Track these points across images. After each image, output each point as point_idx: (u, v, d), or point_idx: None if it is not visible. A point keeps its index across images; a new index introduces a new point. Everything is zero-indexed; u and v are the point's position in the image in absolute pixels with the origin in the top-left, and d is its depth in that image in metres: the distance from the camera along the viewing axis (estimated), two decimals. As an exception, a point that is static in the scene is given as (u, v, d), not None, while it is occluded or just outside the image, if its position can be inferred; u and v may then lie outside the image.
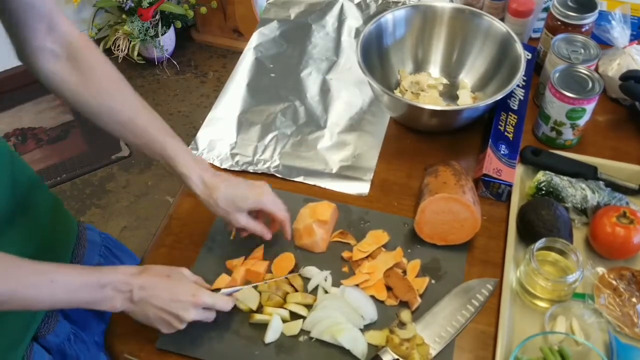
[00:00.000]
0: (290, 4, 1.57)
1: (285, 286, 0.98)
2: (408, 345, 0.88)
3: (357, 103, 1.31)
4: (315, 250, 1.04)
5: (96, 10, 2.89)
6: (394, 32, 1.29)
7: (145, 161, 2.60)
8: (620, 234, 0.98)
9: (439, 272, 1.01)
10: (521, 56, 1.17)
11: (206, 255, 1.05)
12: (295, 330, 0.94)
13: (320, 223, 1.04)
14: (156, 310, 0.86)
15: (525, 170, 1.13)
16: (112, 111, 0.93)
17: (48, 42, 0.88)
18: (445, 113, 1.18)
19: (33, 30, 0.85)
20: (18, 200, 0.94)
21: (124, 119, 0.94)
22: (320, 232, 1.03)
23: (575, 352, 0.87)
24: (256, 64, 1.42)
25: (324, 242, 1.04)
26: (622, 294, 0.95)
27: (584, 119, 1.14)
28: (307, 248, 1.04)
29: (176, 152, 0.94)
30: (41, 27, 0.86)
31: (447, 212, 1.00)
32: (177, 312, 0.86)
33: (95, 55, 0.93)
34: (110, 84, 0.93)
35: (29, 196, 0.98)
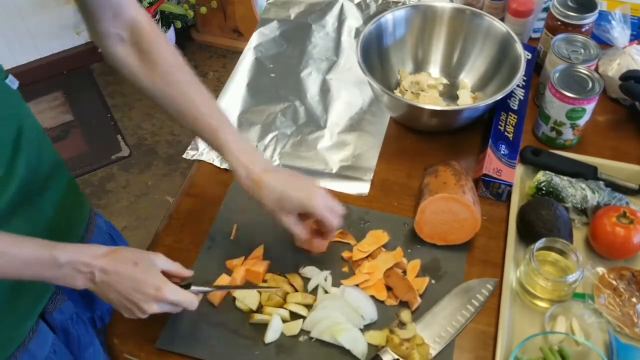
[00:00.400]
0: (290, 4, 1.57)
1: (285, 286, 0.98)
2: (408, 345, 0.88)
3: (357, 103, 1.31)
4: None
5: (96, 10, 2.88)
6: (394, 32, 1.29)
7: (145, 161, 2.61)
8: (620, 234, 0.98)
9: (439, 272, 1.01)
10: (521, 56, 1.17)
11: (206, 255, 1.05)
12: (296, 330, 0.94)
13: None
14: (117, 296, 0.84)
15: (525, 170, 1.13)
16: (170, 97, 0.95)
17: (113, 27, 0.92)
18: (445, 113, 1.18)
19: (100, 16, 0.91)
20: (40, 179, 0.96)
21: (180, 105, 0.95)
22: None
23: (575, 352, 0.87)
24: (256, 64, 1.42)
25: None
26: (622, 294, 0.95)
27: (584, 119, 1.14)
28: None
29: (226, 143, 0.93)
30: (107, 14, 0.91)
31: (447, 212, 1.00)
32: (139, 303, 0.84)
33: (158, 41, 0.95)
34: (170, 71, 0.95)
35: (50, 176, 1.00)
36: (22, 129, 0.93)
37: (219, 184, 1.16)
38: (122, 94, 2.91)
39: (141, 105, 2.85)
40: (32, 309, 0.99)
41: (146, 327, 0.96)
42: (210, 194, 1.15)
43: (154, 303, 0.84)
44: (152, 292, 0.83)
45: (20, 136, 0.92)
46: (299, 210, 0.92)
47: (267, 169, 0.93)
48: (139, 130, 2.74)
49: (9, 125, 0.91)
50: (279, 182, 0.92)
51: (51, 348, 1.02)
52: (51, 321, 1.03)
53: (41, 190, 0.97)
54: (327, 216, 0.92)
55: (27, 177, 0.93)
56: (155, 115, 2.80)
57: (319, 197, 0.92)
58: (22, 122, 0.93)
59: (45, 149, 1.00)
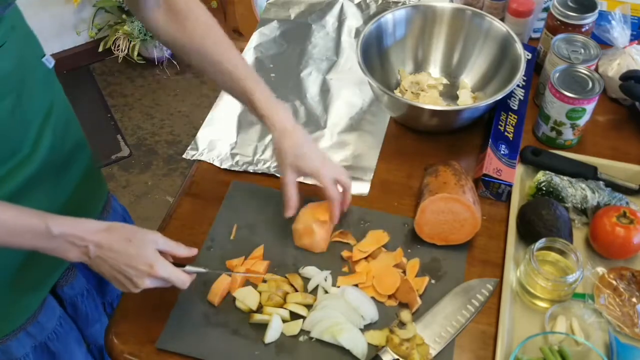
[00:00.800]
0: (290, 4, 1.57)
1: (285, 286, 0.98)
2: (408, 345, 0.88)
3: (357, 103, 1.31)
4: (316, 251, 1.04)
5: (96, 10, 2.88)
6: (394, 32, 1.29)
7: (145, 161, 2.61)
8: (620, 234, 0.98)
9: (439, 272, 1.01)
10: (521, 56, 1.17)
11: (206, 255, 1.05)
12: (295, 330, 0.94)
13: (321, 223, 1.03)
14: (111, 270, 0.85)
15: (525, 170, 1.13)
16: (204, 54, 1.00)
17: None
18: (445, 113, 1.18)
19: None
20: (63, 156, 1.02)
21: (213, 60, 1.00)
22: (320, 233, 1.03)
23: (575, 352, 0.87)
24: (256, 64, 1.42)
25: (325, 242, 1.04)
26: (622, 294, 0.95)
27: (584, 119, 1.14)
28: (307, 248, 1.04)
29: (259, 95, 0.99)
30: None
31: (447, 212, 1.00)
32: (132, 278, 0.85)
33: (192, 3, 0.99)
34: (203, 30, 1.00)
35: (73, 155, 1.06)
36: (53, 107, 0.99)
37: (219, 184, 1.16)
38: (122, 94, 2.91)
39: (141, 105, 2.85)
40: (44, 282, 1.04)
41: (146, 327, 0.96)
42: (210, 194, 1.15)
43: (146, 278, 0.85)
44: (145, 268, 0.85)
45: (50, 113, 0.98)
46: (309, 172, 1.00)
47: (295, 126, 1.01)
48: (139, 130, 2.74)
49: (42, 102, 0.96)
50: (302, 141, 1.00)
51: (58, 321, 1.09)
52: (61, 295, 1.09)
53: (64, 167, 1.02)
54: (329, 186, 1.00)
55: (52, 153, 0.98)
56: (155, 115, 2.80)
57: (328, 166, 1.01)
58: (53, 99, 1.00)
59: (71, 127, 1.06)
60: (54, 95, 1.01)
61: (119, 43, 2.89)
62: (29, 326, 1.04)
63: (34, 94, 0.94)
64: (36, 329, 1.05)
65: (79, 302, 1.13)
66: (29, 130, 0.94)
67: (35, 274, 1.02)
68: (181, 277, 0.87)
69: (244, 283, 1.00)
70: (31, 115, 0.94)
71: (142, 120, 2.79)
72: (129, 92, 2.92)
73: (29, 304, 1.04)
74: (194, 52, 1.00)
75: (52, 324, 1.07)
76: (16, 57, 0.89)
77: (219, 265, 1.03)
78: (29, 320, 1.04)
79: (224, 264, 1.03)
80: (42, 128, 0.96)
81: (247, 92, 0.99)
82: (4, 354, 1.05)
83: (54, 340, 1.10)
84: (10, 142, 0.91)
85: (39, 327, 1.06)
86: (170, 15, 0.98)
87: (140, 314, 0.98)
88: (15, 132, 0.92)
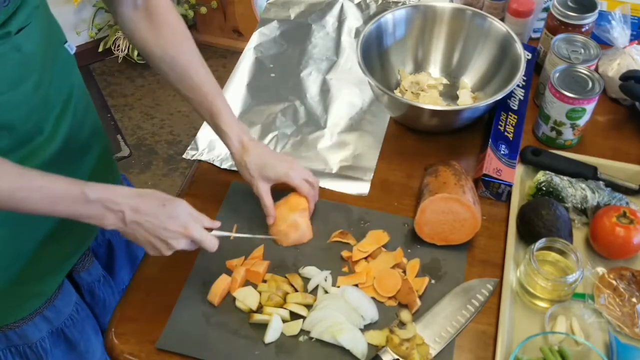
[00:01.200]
0: (290, 4, 1.57)
1: (285, 286, 0.98)
2: (408, 345, 0.88)
3: (357, 103, 1.31)
4: (304, 241, 1.05)
5: (96, 10, 2.89)
6: (394, 32, 1.29)
7: (145, 161, 2.61)
8: (620, 234, 0.98)
9: (439, 272, 1.01)
10: (521, 56, 1.17)
11: (206, 254, 1.04)
12: (295, 330, 0.94)
13: (300, 212, 1.04)
14: (147, 235, 0.88)
15: (525, 170, 1.13)
16: (173, 63, 1.01)
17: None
18: (445, 113, 1.18)
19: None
20: (81, 141, 1.05)
21: (182, 72, 1.01)
22: (303, 221, 1.05)
23: (575, 352, 0.87)
24: (256, 64, 1.42)
25: (310, 230, 1.06)
26: (622, 294, 0.95)
27: (584, 119, 1.14)
28: (296, 243, 1.05)
29: (221, 111, 1.02)
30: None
31: (447, 212, 1.00)
32: (167, 240, 0.89)
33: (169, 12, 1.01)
34: (177, 40, 1.02)
35: (90, 140, 1.09)
36: (73, 92, 1.02)
37: (219, 184, 1.16)
38: (122, 94, 2.91)
39: (141, 105, 2.85)
40: (61, 267, 1.08)
41: (146, 327, 0.96)
42: (210, 194, 1.15)
43: (182, 239, 0.90)
44: (180, 229, 0.89)
45: (71, 97, 1.01)
46: (277, 178, 1.03)
47: (253, 139, 1.04)
48: (139, 130, 2.74)
49: (63, 86, 0.99)
50: (264, 152, 1.04)
51: (74, 307, 1.12)
52: (79, 281, 1.13)
53: (80, 152, 1.06)
54: (301, 185, 1.04)
55: (70, 138, 1.01)
56: (155, 115, 2.80)
57: (295, 169, 1.04)
58: (73, 84, 1.03)
59: (89, 114, 1.09)
60: (75, 80, 1.05)
61: (119, 43, 2.89)
62: (45, 310, 1.07)
63: (55, 77, 0.96)
64: (52, 313, 1.08)
65: (96, 288, 1.16)
66: (51, 112, 0.97)
67: (51, 258, 1.04)
68: (212, 240, 0.93)
69: (244, 283, 1.00)
70: (53, 98, 0.97)
71: (142, 120, 2.79)
72: (129, 92, 2.92)
73: (45, 288, 1.07)
74: (165, 62, 1.01)
75: (68, 309, 1.10)
76: (40, 39, 0.91)
77: (218, 265, 1.03)
78: (46, 304, 1.07)
79: (224, 264, 1.03)
80: (63, 111, 0.99)
81: (213, 110, 1.02)
82: (20, 338, 1.09)
83: (70, 326, 1.12)
84: (33, 122, 0.94)
85: (56, 312, 1.09)
86: (148, 20, 0.99)
87: (140, 314, 0.98)
88: (37, 113, 0.94)
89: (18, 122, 0.91)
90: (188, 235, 0.90)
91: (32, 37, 0.89)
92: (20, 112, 0.90)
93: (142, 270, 1.05)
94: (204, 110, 1.03)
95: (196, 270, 1.02)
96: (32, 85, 0.91)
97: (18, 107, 0.90)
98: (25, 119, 0.92)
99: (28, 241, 1.01)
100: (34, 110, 0.93)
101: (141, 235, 0.89)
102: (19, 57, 0.87)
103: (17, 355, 1.11)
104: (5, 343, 1.10)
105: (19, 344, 1.10)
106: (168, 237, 0.89)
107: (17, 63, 0.87)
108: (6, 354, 1.11)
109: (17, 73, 0.88)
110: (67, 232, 1.06)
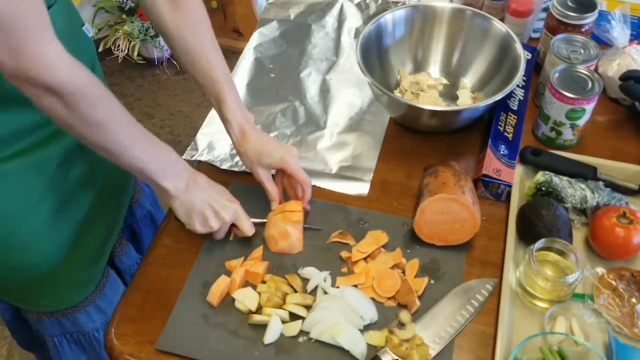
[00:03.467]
0: (290, 4, 1.57)
1: (284, 287, 0.98)
2: (407, 345, 0.88)
3: (357, 103, 1.31)
4: (293, 252, 1.04)
5: (96, 10, 2.89)
6: (393, 32, 1.29)
7: (145, 161, 2.61)
8: (620, 234, 0.98)
9: (438, 273, 1.01)
10: (521, 56, 1.17)
11: (205, 255, 1.05)
12: (295, 330, 0.94)
13: (294, 224, 1.04)
14: (203, 203, 0.97)
15: (525, 170, 1.13)
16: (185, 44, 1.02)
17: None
18: (445, 113, 1.18)
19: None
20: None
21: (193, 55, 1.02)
22: (295, 233, 1.04)
23: (574, 353, 0.87)
24: (256, 64, 1.42)
25: (300, 243, 1.05)
26: (622, 294, 0.95)
27: (583, 119, 1.14)
28: (284, 252, 1.04)
29: (227, 98, 1.03)
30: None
31: (447, 213, 1.00)
32: (220, 209, 0.98)
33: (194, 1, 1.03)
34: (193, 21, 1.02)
35: None
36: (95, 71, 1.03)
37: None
38: (122, 94, 2.91)
39: (141, 105, 2.85)
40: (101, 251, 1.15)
41: (146, 328, 0.96)
42: (210, 194, 1.15)
43: (232, 211, 0.99)
44: (230, 203, 1.00)
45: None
46: (275, 165, 1.04)
47: (253, 128, 1.06)
48: (139, 130, 2.74)
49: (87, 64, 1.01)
50: (262, 139, 1.05)
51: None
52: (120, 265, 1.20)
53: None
54: (298, 171, 1.05)
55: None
56: (155, 115, 2.80)
57: (293, 156, 1.04)
58: (94, 64, 1.08)
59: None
60: (95, 63, 1.08)
61: (119, 43, 2.89)
62: (97, 299, 1.13)
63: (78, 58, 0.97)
64: (104, 302, 1.14)
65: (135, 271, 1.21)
66: None
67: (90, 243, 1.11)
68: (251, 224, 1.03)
69: (243, 284, 1.00)
70: None
71: (142, 120, 2.76)
72: (129, 92, 2.92)
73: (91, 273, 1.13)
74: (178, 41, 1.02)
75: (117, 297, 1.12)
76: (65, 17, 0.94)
77: (218, 266, 1.03)
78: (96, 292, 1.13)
79: (224, 265, 1.03)
80: None
81: (219, 96, 1.03)
82: (74, 325, 1.15)
83: None
84: None
85: (107, 300, 1.15)
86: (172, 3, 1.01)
87: (140, 315, 0.98)
88: None
89: None
90: (237, 210, 1.00)
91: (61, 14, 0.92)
92: None
93: (142, 271, 1.05)
94: (212, 96, 1.04)
95: (195, 271, 1.02)
96: None
97: None
98: None
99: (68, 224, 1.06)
100: None
101: (198, 203, 0.96)
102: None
103: (72, 343, 1.18)
104: (60, 330, 1.16)
105: (73, 332, 1.16)
106: (221, 207, 0.98)
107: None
108: (61, 341, 1.18)
109: None
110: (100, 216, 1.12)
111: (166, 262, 1.05)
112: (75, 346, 1.19)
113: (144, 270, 1.05)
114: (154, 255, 1.07)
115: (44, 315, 1.16)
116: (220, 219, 0.98)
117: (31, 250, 1.03)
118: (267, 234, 1.05)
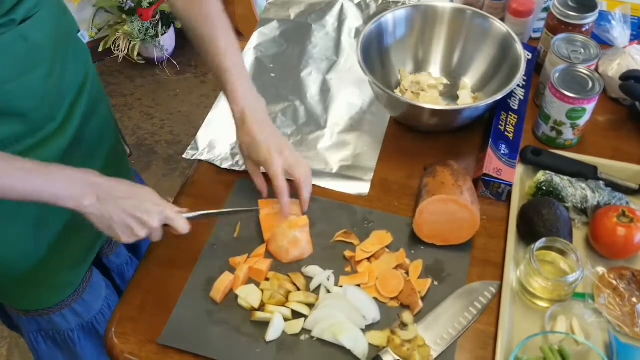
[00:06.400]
0: (290, 4, 1.57)
1: (287, 285, 0.98)
2: (409, 346, 0.88)
3: (357, 103, 1.32)
4: (304, 257, 1.03)
5: (96, 10, 2.89)
6: (394, 32, 1.30)
7: (145, 161, 2.60)
8: (620, 234, 0.98)
9: (442, 274, 1.01)
10: (521, 56, 1.17)
11: (210, 252, 1.05)
12: (297, 329, 0.94)
13: (300, 229, 1.04)
14: (121, 214, 0.88)
15: (526, 170, 1.13)
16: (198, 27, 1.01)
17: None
18: (445, 113, 1.18)
19: None
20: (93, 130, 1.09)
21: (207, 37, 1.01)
22: (304, 237, 1.03)
23: (575, 352, 0.87)
24: (256, 64, 1.42)
25: (310, 244, 1.04)
26: (623, 294, 0.95)
27: (584, 119, 1.14)
28: (299, 259, 1.03)
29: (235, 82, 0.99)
30: None
31: (446, 213, 1.00)
32: (143, 217, 0.89)
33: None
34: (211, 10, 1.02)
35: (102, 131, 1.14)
36: (87, 80, 1.05)
37: (219, 184, 1.16)
38: (122, 94, 2.91)
39: (141, 105, 2.85)
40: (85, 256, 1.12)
41: (147, 327, 0.97)
42: (211, 194, 1.15)
43: (156, 216, 0.90)
44: (155, 207, 0.91)
45: (84, 86, 1.05)
46: (259, 161, 1.00)
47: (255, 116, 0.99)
48: (139, 130, 2.74)
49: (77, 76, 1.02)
50: (258, 129, 0.99)
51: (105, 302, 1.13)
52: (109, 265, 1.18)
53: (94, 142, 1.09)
54: (275, 177, 0.98)
55: (83, 126, 1.04)
56: (155, 115, 2.80)
57: (278, 158, 0.98)
58: (87, 74, 1.06)
59: (101, 104, 1.13)
60: (88, 70, 1.07)
61: (119, 43, 2.89)
62: (74, 303, 1.11)
63: (68, 66, 0.98)
64: (82, 307, 1.12)
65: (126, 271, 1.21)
66: (64, 100, 0.99)
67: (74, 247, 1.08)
68: (184, 221, 0.94)
69: (247, 281, 1.00)
70: (66, 87, 0.99)
71: (142, 120, 2.79)
72: (129, 92, 2.92)
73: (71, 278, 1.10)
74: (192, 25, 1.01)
75: (98, 304, 1.13)
76: (50, 29, 0.92)
77: (222, 262, 1.03)
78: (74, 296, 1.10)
79: (227, 262, 1.03)
80: (76, 99, 1.01)
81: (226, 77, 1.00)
82: (49, 323, 1.14)
83: (101, 322, 1.16)
84: (46, 110, 0.96)
85: (85, 305, 1.12)
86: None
87: (140, 314, 0.99)
88: (50, 101, 0.96)
89: (30, 109, 0.92)
90: (163, 212, 0.90)
91: (41, 27, 0.90)
92: (31, 100, 0.92)
93: (142, 270, 1.05)
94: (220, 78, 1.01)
95: (199, 267, 1.03)
96: (43, 74, 0.92)
97: (29, 95, 0.91)
98: (37, 107, 0.93)
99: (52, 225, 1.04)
100: (46, 98, 0.94)
101: (116, 215, 0.88)
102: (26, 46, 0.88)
103: (48, 340, 1.17)
104: (36, 326, 1.15)
105: (48, 329, 1.15)
106: (143, 214, 0.89)
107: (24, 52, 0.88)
108: (37, 337, 1.16)
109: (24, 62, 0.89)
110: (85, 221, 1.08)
111: (167, 262, 1.05)
112: (51, 343, 1.19)
113: (144, 269, 1.05)
114: (154, 255, 1.07)
115: (21, 312, 1.16)
116: (146, 226, 0.91)
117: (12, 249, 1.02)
118: (275, 246, 1.03)
